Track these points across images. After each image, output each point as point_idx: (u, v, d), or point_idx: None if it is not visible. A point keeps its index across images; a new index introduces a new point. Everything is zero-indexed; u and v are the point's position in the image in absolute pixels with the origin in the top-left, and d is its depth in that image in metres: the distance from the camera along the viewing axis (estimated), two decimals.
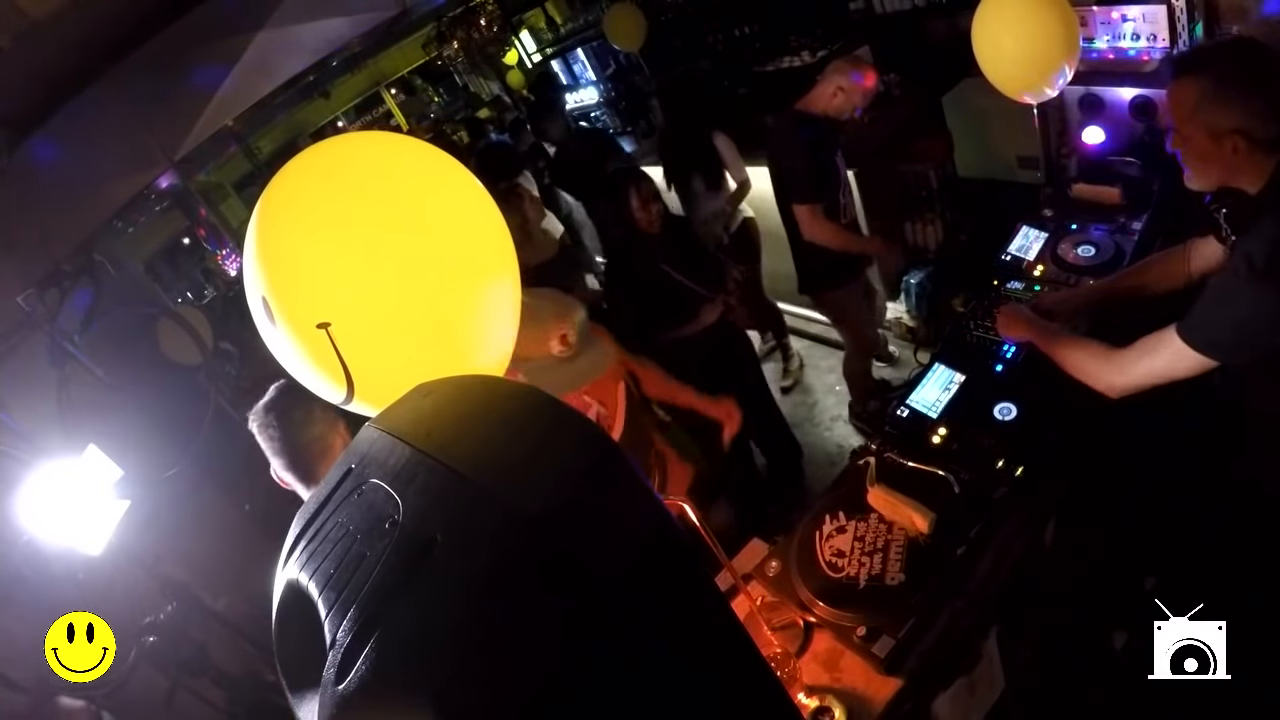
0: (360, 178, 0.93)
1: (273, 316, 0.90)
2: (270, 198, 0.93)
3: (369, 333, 0.90)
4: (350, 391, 0.91)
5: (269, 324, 0.92)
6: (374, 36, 3.58)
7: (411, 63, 9.48)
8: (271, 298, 0.89)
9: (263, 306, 0.91)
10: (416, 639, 0.48)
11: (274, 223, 0.92)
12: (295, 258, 0.90)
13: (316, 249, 0.89)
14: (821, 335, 4.27)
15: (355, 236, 0.89)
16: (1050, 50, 2.05)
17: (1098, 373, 1.54)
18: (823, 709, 1.41)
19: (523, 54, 7.68)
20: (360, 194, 0.91)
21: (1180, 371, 1.40)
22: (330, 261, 0.88)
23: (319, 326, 0.85)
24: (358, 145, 1.04)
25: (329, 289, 0.88)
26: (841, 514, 1.70)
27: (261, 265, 0.90)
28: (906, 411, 1.92)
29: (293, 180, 0.95)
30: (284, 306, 0.89)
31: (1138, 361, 1.46)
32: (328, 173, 0.95)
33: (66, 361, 2.29)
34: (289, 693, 0.58)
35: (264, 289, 0.90)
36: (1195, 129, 1.35)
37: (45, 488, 1.93)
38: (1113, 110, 2.47)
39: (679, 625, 0.54)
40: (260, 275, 0.90)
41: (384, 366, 0.92)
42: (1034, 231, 2.32)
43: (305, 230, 0.90)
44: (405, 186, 0.94)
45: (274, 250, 0.90)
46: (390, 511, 0.54)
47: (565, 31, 6.85)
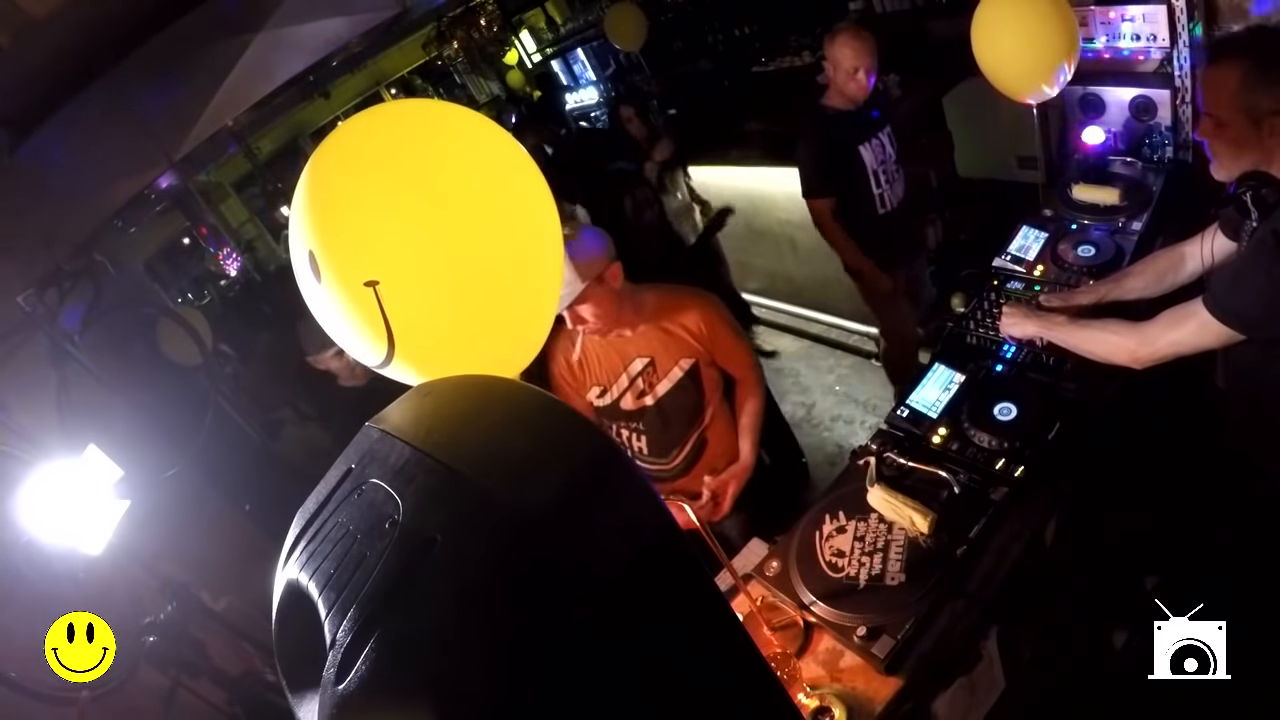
0: (413, 140, 0.92)
1: (318, 273, 0.89)
2: (323, 156, 0.93)
3: (414, 295, 0.89)
4: (390, 351, 0.90)
5: (313, 280, 0.91)
6: (374, 36, 3.57)
7: (411, 63, 9.47)
8: (319, 253, 0.88)
9: (309, 261, 0.90)
10: (416, 639, 0.48)
11: (326, 179, 0.91)
12: (346, 215, 0.89)
13: (368, 207, 0.88)
14: (821, 335, 4.28)
15: (406, 198, 0.88)
16: (1050, 50, 2.06)
17: (1122, 344, 1.55)
18: (823, 709, 1.41)
19: (523, 54, 7.69)
20: (413, 156, 0.90)
21: (1205, 343, 1.42)
22: (381, 220, 0.88)
23: (367, 284, 0.84)
24: (411, 110, 1.05)
25: (378, 247, 0.88)
26: (841, 514, 1.70)
27: (311, 220, 0.89)
28: (906, 411, 1.92)
29: (347, 140, 0.95)
30: (332, 262, 0.88)
31: (1163, 333, 1.47)
32: (382, 134, 0.94)
33: (66, 362, 2.29)
34: (289, 693, 0.58)
35: (312, 243, 0.89)
36: (1235, 112, 1.34)
37: (45, 488, 1.93)
38: (1113, 110, 2.47)
39: (679, 625, 0.54)
40: (309, 230, 0.90)
41: (426, 329, 0.92)
42: (1034, 231, 2.32)
43: (357, 188, 0.90)
44: (457, 151, 0.94)
45: (324, 206, 0.90)
46: (390, 511, 0.54)
47: (565, 31, 6.86)
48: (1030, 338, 1.86)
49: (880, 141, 2.82)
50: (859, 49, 2.62)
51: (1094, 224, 2.27)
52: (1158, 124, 2.37)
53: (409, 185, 0.89)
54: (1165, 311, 1.50)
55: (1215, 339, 1.39)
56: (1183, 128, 2.32)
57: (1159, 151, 2.40)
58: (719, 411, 2.10)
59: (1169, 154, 2.38)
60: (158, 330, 3.09)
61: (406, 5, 2.87)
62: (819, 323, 4.31)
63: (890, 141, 2.85)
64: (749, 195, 4.06)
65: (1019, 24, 2.05)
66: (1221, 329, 1.37)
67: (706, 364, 2.03)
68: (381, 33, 3.56)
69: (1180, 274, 1.74)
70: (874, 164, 2.83)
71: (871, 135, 2.80)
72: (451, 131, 0.96)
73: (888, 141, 2.84)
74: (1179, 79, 2.24)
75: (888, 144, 2.84)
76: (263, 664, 2.46)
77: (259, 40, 2.49)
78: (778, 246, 4.18)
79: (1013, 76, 2.18)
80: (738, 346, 2.08)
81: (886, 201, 2.91)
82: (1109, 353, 1.59)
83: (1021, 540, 1.58)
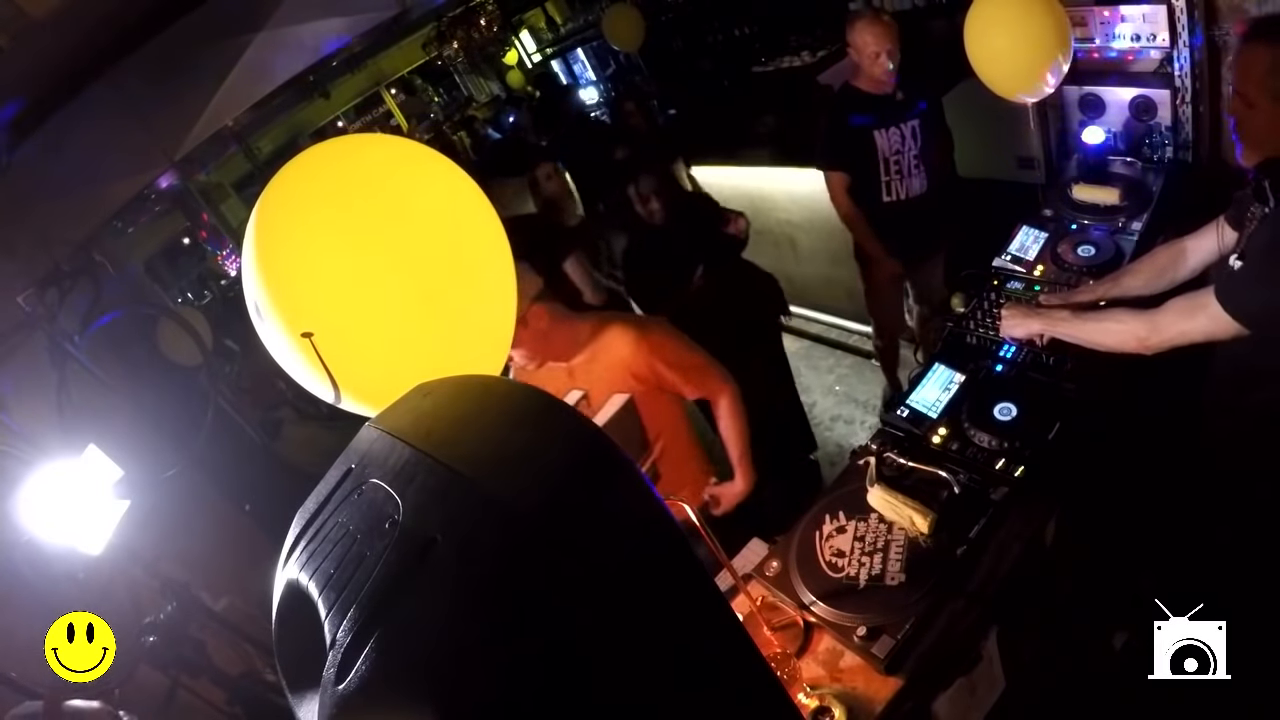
0: (350, 185, 0.94)
1: (263, 319, 0.92)
2: (264, 205, 0.95)
3: (356, 337, 0.92)
4: (337, 394, 0.92)
5: (260, 324, 0.94)
6: (374, 36, 3.58)
7: (411, 63, 9.47)
8: (261, 303, 0.91)
9: (254, 310, 0.93)
10: (416, 639, 0.48)
11: (266, 230, 0.94)
12: (286, 265, 0.91)
13: (306, 257, 0.91)
14: (821, 335, 4.28)
15: (342, 245, 0.90)
16: (1042, 48, 2.06)
17: (1132, 331, 1.55)
18: (823, 709, 1.41)
19: (523, 54, 7.69)
20: (349, 202, 0.92)
21: (1215, 335, 1.42)
22: (319, 269, 0.90)
23: (303, 335, 0.86)
24: (349, 150, 1.06)
25: (318, 296, 0.90)
26: (841, 514, 1.70)
27: (253, 270, 0.92)
28: (906, 411, 1.92)
29: (285, 187, 0.97)
30: (274, 313, 0.91)
31: (1174, 322, 1.48)
32: (319, 179, 0.97)
33: (66, 362, 2.29)
34: (289, 693, 0.58)
35: (255, 295, 0.92)
36: (1263, 95, 1.34)
37: (45, 488, 1.93)
38: (1113, 110, 2.48)
39: (679, 624, 0.54)
40: (251, 281, 0.93)
41: (372, 370, 0.94)
42: (1034, 231, 2.32)
43: (295, 239, 0.92)
44: (394, 192, 0.96)
45: (265, 257, 0.92)
46: (390, 511, 0.54)
47: (565, 31, 6.87)
48: (1032, 337, 1.86)
49: (900, 131, 2.77)
50: (879, 33, 2.62)
51: (1094, 224, 2.27)
52: (1158, 124, 2.37)
53: (349, 231, 0.90)
54: (1175, 299, 1.50)
55: (1225, 332, 1.40)
56: (1183, 128, 2.33)
57: (1159, 151, 2.40)
58: (673, 441, 1.96)
59: (1169, 154, 2.38)
60: (158, 330, 3.09)
61: (406, 5, 2.87)
62: (819, 323, 4.31)
63: (916, 134, 2.79)
64: (749, 195, 4.05)
65: (1011, 23, 2.06)
66: (1232, 323, 1.37)
67: (651, 395, 1.89)
68: (381, 33, 3.56)
69: (1181, 270, 1.74)
70: (887, 151, 2.79)
71: (893, 122, 2.76)
72: (388, 172, 0.97)
73: (910, 133, 2.78)
74: (1179, 79, 2.24)
75: (909, 135, 2.78)
76: (263, 664, 2.46)
77: (259, 40, 2.50)
78: (778, 246, 4.18)
79: (1007, 76, 2.18)
80: (687, 368, 1.94)
81: (894, 191, 2.87)
82: (1118, 342, 1.59)
83: (1021, 540, 1.58)
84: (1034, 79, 2.13)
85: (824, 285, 4.04)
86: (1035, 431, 1.70)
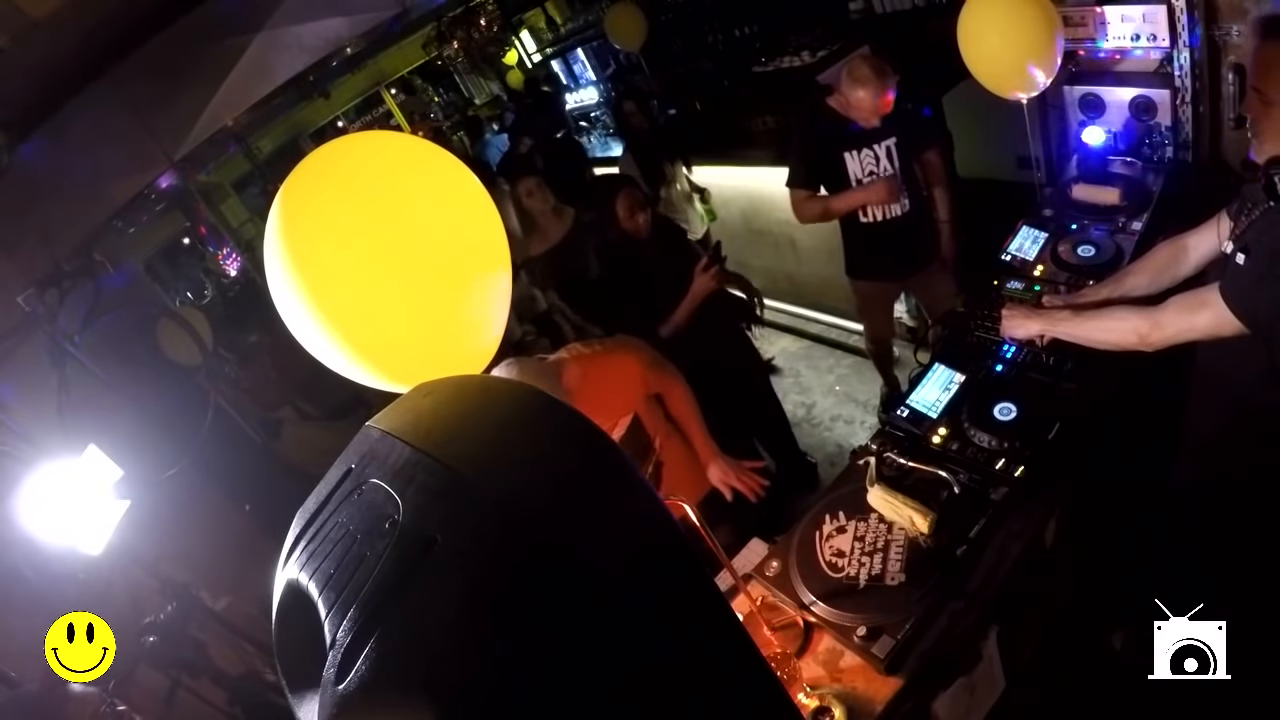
0: (354, 186, 1.01)
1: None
2: (278, 208, 1.03)
3: (363, 329, 1.00)
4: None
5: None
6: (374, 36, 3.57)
7: (411, 63, 9.47)
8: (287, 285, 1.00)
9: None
10: (416, 639, 0.48)
11: (281, 231, 1.02)
12: (309, 248, 1.00)
13: (327, 243, 0.99)
14: (821, 335, 4.28)
15: (360, 233, 0.98)
16: (1032, 45, 2.07)
17: (1134, 327, 1.55)
18: (823, 709, 1.41)
19: (523, 54, 7.69)
20: (351, 202, 0.99)
21: (1218, 333, 1.41)
22: (339, 253, 0.98)
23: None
24: (351, 150, 1.11)
25: (338, 275, 0.98)
26: (841, 514, 1.70)
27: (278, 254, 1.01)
28: (906, 411, 1.92)
29: (296, 192, 1.03)
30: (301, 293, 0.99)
31: (1176, 319, 1.47)
32: (326, 180, 1.04)
33: (66, 362, 2.29)
34: (289, 693, 0.58)
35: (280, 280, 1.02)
36: (1277, 92, 1.33)
37: (45, 488, 1.93)
38: (1113, 110, 2.47)
39: (678, 625, 0.54)
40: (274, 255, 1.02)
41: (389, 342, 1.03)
42: (1034, 231, 2.32)
43: (317, 228, 1.00)
44: (393, 189, 1.02)
45: (290, 241, 1.01)
46: (390, 511, 0.54)
47: (565, 31, 6.86)
48: (1032, 337, 1.85)
49: (874, 153, 2.70)
50: (878, 88, 2.50)
51: (1094, 224, 2.26)
52: (1158, 124, 2.37)
53: (346, 230, 0.99)
54: (1178, 296, 1.49)
55: (1228, 330, 1.39)
56: (1183, 127, 2.32)
57: (1159, 151, 2.40)
58: (669, 436, 2.11)
59: (1169, 154, 2.38)
60: (157, 330, 3.10)
61: (406, 5, 2.87)
62: (819, 323, 4.31)
63: (891, 155, 2.70)
64: (749, 195, 4.05)
65: (1002, 21, 2.07)
66: (1235, 321, 1.37)
67: (646, 405, 2.05)
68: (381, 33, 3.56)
69: (1183, 267, 1.73)
70: (859, 173, 2.73)
71: (863, 145, 2.69)
72: (386, 172, 1.04)
73: (885, 154, 2.70)
74: (1179, 79, 2.24)
75: (884, 157, 2.70)
76: (263, 664, 2.46)
77: (259, 40, 2.50)
78: (778, 246, 4.18)
79: (999, 74, 2.19)
80: (661, 374, 2.11)
81: (870, 212, 2.79)
82: (1119, 339, 1.59)
83: (1021, 540, 1.58)
84: (1029, 74, 2.14)
85: (824, 285, 4.04)
86: (1035, 431, 1.70)
